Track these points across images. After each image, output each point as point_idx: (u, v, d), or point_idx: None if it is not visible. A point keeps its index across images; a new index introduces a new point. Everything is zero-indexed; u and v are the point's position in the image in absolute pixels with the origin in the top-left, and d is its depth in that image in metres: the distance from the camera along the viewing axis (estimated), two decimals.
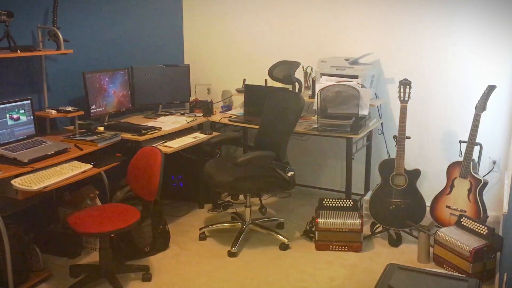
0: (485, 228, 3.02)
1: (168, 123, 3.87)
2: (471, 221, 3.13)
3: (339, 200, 3.55)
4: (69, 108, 3.39)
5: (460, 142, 3.50)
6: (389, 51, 3.97)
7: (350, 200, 3.53)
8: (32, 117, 3.15)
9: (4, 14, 2.93)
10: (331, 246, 3.38)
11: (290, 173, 3.26)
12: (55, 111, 3.34)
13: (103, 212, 2.88)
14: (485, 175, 3.60)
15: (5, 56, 3.00)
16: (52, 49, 3.31)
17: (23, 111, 3.09)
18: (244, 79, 4.40)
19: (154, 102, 4.23)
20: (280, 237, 3.46)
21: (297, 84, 3.94)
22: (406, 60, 3.92)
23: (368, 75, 3.69)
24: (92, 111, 3.63)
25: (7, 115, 2.98)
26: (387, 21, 3.93)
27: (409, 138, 3.51)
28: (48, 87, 3.49)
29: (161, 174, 2.87)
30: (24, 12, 3.23)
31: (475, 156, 3.35)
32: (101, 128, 3.56)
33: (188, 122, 3.94)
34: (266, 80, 4.18)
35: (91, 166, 3.02)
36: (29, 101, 3.14)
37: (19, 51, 3.02)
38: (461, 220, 3.19)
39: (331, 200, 3.55)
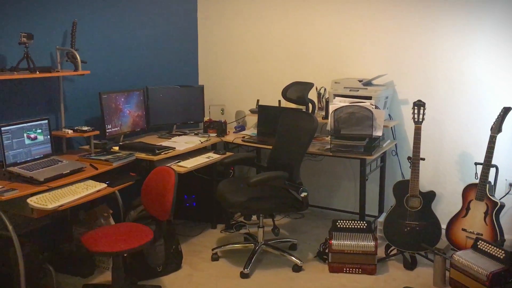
0: (502, 251, 2.96)
1: (182, 143, 3.90)
2: (487, 245, 3.07)
3: (353, 222, 3.51)
4: (85, 128, 3.44)
5: (476, 164, 3.46)
6: (403, 73, 3.98)
7: (364, 222, 3.50)
8: (49, 136, 3.20)
9: (24, 36, 3.01)
10: (345, 269, 3.33)
11: (303, 194, 3.24)
12: (72, 131, 3.40)
13: (116, 231, 2.89)
14: (502, 197, 3.54)
15: (25, 76, 3.07)
16: (70, 70, 3.38)
17: (40, 130, 3.14)
18: (258, 100, 4.42)
19: (169, 122, 4.27)
20: (293, 258, 3.43)
21: (310, 105, 3.95)
22: (420, 81, 3.92)
23: (381, 96, 3.69)
24: (107, 131, 3.67)
25: (25, 135, 3.03)
26: (401, 42, 3.94)
27: (423, 159, 3.48)
28: (65, 107, 3.55)
29: (174, 193, 2.87)
30: (43, 34, 3.31)
31: (491, 178, 3.31)
32: (116, 148, 3.59)
33: (201, 142, 3.96)
34: (279, 101, 4.20)
35: (106, 185, 3.04)
36: (46, 121, 3.19)
37: (38, 72, 3.09)
38: (478, 243, 3.13)
39: (344, 221, 3.52)
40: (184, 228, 4.08)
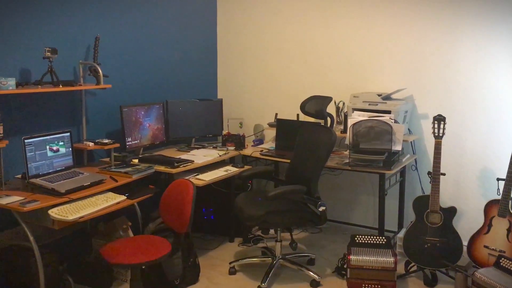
0: None
1: (200, 156, 3.92)
2: (511, 262, 2.99)
3: (372, 237, 3.47)
4: (106, 141, 3.49)
5: (498, 179, 3.39)
6: (423, 87, 3.95)
7: (383, 237, 3.45)
8: (70, 149, 3.26)
9: (49, 51, 3.09)
10: (363, 285, 3.28)
11: (321, 208, 3.22)
12: (93, 143, 3.45)
13: (135, 243, 2.91)
14: None
15: (48, 90, 3.14)
16: (92, 84, 3.45)
17: (62, 143, 3.20)
18: (276, 114, 4.44)
19: (188, 135, 4.31)
20: (311, 273, 3.40)
21: (329, 119, 3.95)
22: (440, 95, 3.88)
23: (401, 110, 3.67)
24: (127, 143, 3.72)
25: (48, 147, 3.09)
26: (421, 56, 3.93)
27: (444, 174, 3.44)
28: (87, 120, 3.61)
29: (192, 206, 2.89)
30: (67, 49, 3.39)
31: None
32: (136, 160, 3.64)
33: (220, 156, 3.98)
34: (298, 115, 4.21)
35: (125, 197, 3.08)
36: (68, 134, 3.25)
37: (61, 86, 3.16)
38: (500, 261, 3.05)
39: (363, 236, 3.48)
40: (201, 241, 4.08)
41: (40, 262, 2.74)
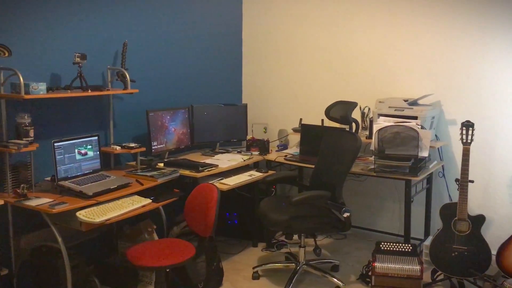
0: None
1: (225, 160, 3.94)
2: None
3: (397, 244, 3.42)
4: (132, 145, 3.55)
5: None
6: (451, 92, 3.89)
7: (409, 245, 3.40)
8: (98, 152, 3.32)
9: (78, 56, 3.16)
10: None
11: (346, 214, 3.20)
12: (120, 147, 3.51)
13: (159, 246, 2.94)
14: None
15: (78, 95, 3.22)
16: (120, 89, 3.51)
17: (90, 146, 3.27)
18: (301, 119, 4.43)
19: (212, 140, 4.34)
20: (335, 280, 3.37)
21: (354, 124, 3.92)
22: (469, 101, 3.81)
23: (428, 116, 3.62)
24: (153, 147, 3.77)
25: (76, 150, 3.16)
26: (449, 61, 3.87)
27: (472, 182, 3.36)
28: (114, 124, 3.68)
29: (216, 210, 2.90)
30: (95, 54, 3.46)
31: None
32: (161, 164, 3.68)
33: (244, 160, 4.00)
34: (322, 120, 4.19)
35: (151, 201, 3.11)
36: (96, 137, 3.31)
37: (90, 90, 3.23)
38: None
39: (388, 244, 3.43)
40: (225, 246, 4.09)
41: (67, 263, 2.80)
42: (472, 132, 3.26)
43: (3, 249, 2.84)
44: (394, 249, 3.40)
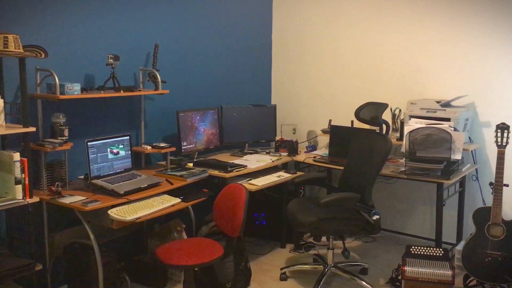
0: None
1: (253, 161, 3.95)
2: None
3: (428, 249, 3.36)
4: (163, 144, 3.60)
5: None
6: (485, 94, 3.79)
7: (441, 249, 3.33)
8: (129, 152, 3.38)
9: (111, 58, 3.23)
10: None
11: (375, 217, 3.16)
12: (150, 147, 3.57)
13: (188, 245, 2.97)
14: None
15: (110, 95, 3.29)
16: (151, 90, 3.56)
17: (122, 146, 3.33)
18: (330, 120, 4.40)
19: (241, 140, 4.36)
20: (364, 283, 3.33)
21: (384, 126, 3.86)
22: (504, 102, 3.71)
23: (461, 118, 3.54)
24: (183, 147, 3.81)
25: (108, 150, 3.23)
26: (483, 62, 3.77)
27: (507, 185, 3.27)
28: (145, 124, 3.74)
29: (245, 211, 2.91)
30: (128, 56, 3.53)
31: None
32: (191, 164, 3.72)
33: (273, 161, 4.00)
34: (352, 121, 4.15)
35: (180, 200, 3.15)
36: (128, 137, 3.37)
37: (122, 91, 3.30)
38: None
39: (419, 248, 3.37)
40: (253, 246, 4.10)
41: (99, 260, 2.86)
42: (508, 134, 3.17)
43: (38, 245, 2.92)
44: (425, 253, 3.34)
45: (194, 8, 4.07)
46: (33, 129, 2.76)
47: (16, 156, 2.68)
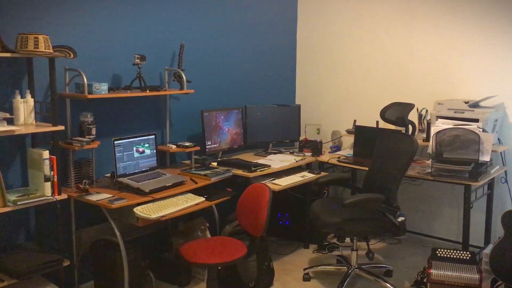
0: None
1: (277, 161, 3.95)
2: None
3: (455, 252, 3.30)
4: (187, 144, 3.63)
5: None
6: None
7: (468, 252, 3.27)
8: (155, 150, 3.42)
9: (138, 58, 3.28)
10: None
11: (400, 218, 3.12)
12: (175, 146, 3.60)
13: (212, 244, 2.99)
14: None
15: (137, 95, 3.34)
16: (176, 89, 3.60)
17: (147, 145, 3.37)
18: (355, 120, 4.36)
19: (265, 140, 4.36)
20: (388, 285, 3.30)
21: (410, 127, 3.80)
22: None
23: (490, 119, 3.46)
24: (207, 147, 3.84)
25: (134, 148, 3.27)
26: None
27: None
28: (170, 124, 3.78)
29: (268, 210, 2.91)
30: (154, 56, 3.57)
31: None
32: (215, 164, 3.74)
33: (296, 161, 3.99)
34: (377, 122, 4.11)
35: (204, 199, 3.17)
36: (153, 136, 3.42)
37: (148, 91, 3.34)
38: None
39: (445, 250, 3.32)
40: (276, 246, 4.10)
41: (125, 257, 2.90)
42: None
43: (65, 241, 2.99)
44: (452, 256, 3.28)
45: (219, 8, 4.09)
46: (62, 127, 2.82)
47: (46, 154, 2.74)
